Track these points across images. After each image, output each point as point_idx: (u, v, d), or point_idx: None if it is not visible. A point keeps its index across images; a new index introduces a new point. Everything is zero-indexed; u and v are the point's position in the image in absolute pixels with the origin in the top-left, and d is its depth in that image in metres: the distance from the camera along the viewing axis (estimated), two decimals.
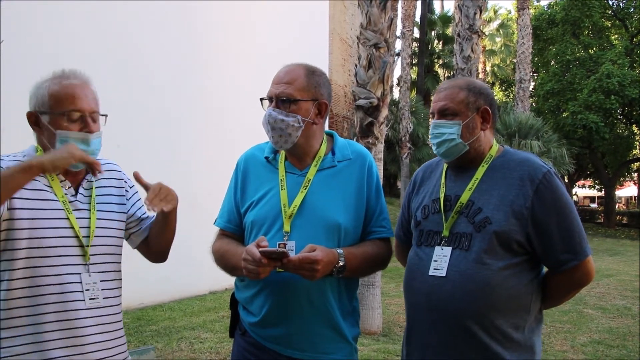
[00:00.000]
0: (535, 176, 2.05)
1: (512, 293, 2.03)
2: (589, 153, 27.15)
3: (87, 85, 2.01)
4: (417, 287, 2.17)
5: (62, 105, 1.93)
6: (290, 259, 1.94)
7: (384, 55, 6.74)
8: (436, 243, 2.16)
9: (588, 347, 6.33)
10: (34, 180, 1.89)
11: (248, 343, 2.23)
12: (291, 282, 2.08)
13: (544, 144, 17.57)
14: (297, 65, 2.23)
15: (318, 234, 2.12)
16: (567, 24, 26.62)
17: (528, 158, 2.14)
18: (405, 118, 19.97)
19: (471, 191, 2.14)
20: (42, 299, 1.88)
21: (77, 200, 2.02)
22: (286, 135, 2.16)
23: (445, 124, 2.17)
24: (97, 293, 1.98)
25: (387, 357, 5.78)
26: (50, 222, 1.92)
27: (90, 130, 1.96)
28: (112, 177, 2.17)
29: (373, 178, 2.28)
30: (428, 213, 2.24)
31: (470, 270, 2.03)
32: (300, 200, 2.17)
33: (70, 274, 1.93)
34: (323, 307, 2.13)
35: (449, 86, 2.23)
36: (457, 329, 2.04)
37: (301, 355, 2.13)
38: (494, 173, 2.14)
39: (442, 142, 2.17)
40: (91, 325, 1.95)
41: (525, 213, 2.02)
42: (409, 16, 20.87)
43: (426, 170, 2.43)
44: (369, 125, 6.67)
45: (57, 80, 1.97)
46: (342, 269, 2.07)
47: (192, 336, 6.43)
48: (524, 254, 2.06)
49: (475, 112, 2.17)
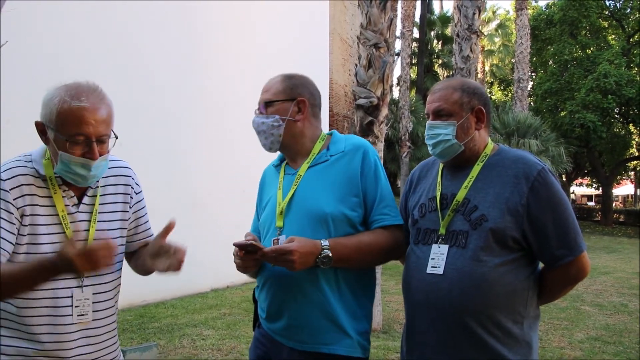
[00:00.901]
0: (530, 173, 2.06)
1: (509, 289, 2.05)
2: (586, 152, 27.19)
3: (99, 108, 1.88)
4: (415, 285, 2.19)
5: (68, 128, 1.84)
6: (263, 251, 2.06)
7: (383, 55, 6.79)
8: (433, 241, 2.18)
9: (585, 344, 6.40)
10: (37, 189, 1.90)
11: (262, 335, 2.33)
12: (286, 276, 2.14)
13: (542, 142, 17.63)
14: (277, 75, 2.39)
15: (306, 226, 2.16)
16: (564, 24, 26.66)
17: (523, 156, 2.16)
18: (405, 117, 20.00)
19: (467, 189, 2.15)
20: (34, 311, 1.88)
21: (78, 212, 1.97)
22: (270, 136, 2.30)
23: (440, 124, 2.19)
24: (87, 309, 1.95)
25: (387, 354, 5.83)
26: (47, 237, 1.89)
27: (92, 157, 1.86)
28: (119, 183, 2.13)
29: (370, 166, 2.25)
30: (425, 211, 2.26)
31: (467, 267, 2.05)
32: (290, 196, 2.24)
33: (63, 289, 1.91)
34: (317, 299, 2.15)
35: (443, 87, 2.25)
36: (455, 326, 2.05)
37: (302, 347, 2.16)
38: (489, 171, 2.16)
39: (438, 142, 2.19)
40: (77, 339, 1.94)
41: (521, 210, 2.04)
42: (408, 16, 20.90)
43: (422, 169, 2.45)
44: (369, 125, 6.71)
45: (68, 100, 1.84)
46: (327, 259, 2.07)
47: (194, 333, 6.49)
48: (520, 250, 2.08)
49: (469, 112, 2.19)
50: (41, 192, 1.90)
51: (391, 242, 2.23)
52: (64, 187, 1.95)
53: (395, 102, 22.54)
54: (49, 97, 1.88)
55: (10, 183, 1.86)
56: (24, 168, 1.91)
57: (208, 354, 5.72)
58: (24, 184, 1.88)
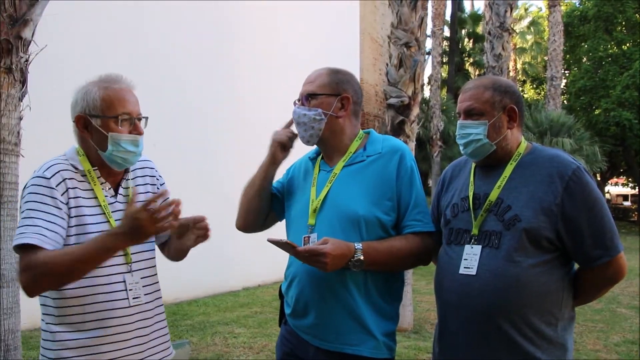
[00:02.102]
0: (564, 172, 2.03)
1: (543, 290, 2.02)
2: (622, 150, 26.62)
3: (132, 89, 2.09)
4: (448, 286, 2.18)
5: (114, 109, 2.00)
6: (297, 250, 2.05)
7: (414, 54, 6.77)
8: (466, 241, 2.16)
9: (621, 347, 6.28)
10: (78, 182, 2.00)
11: (288, 332, 2.33)
12: (316, 274, 2.13)
13: (576, 141, 17.34)
14: (322, 68, 2.37)
15: (337, 227, 2.17)
16: (599, 20, 26.14)
17: (557, 154, 2.13)
18: (436, 116, 19.87)
19: (500, 189, 2.13)
20: (90, 298, 1.95)
21: (116, 202, 2.08)
22: (310, 129, 2.28)
23: (471, 124, 2.17)
24: (139, 292, 2.04)
25: (417, 354, 5.82)
26: (93, 227, 1.98)
27: (139, 132, 2.04)
28: (145, 174, 2.23)
29: (406, 170, 2.24)
30: (457, 211, 2.24)
31: (500, 268, 2.03)
32: (324, 194, 2.24)
33: (116, 274, 2.00)
34: (344, 299, 2.15)
35: (474, 86, 2.22)
36: (488, 328, 2.04)
37: (327, 346, 2.17)
38: (522, 170, 2.13)
39: (469, 142, 2.17)
40: (134, 322, 2.02)
41: (555, 210, 2.01)
42: (439, 15, 20.76)
43: (455, 169, 2.43)
44: (400, 124, 6.70)
45: (107, 85, 2.02)
46: (358, 262, 2.08)
47: (226, 331, 6.56)
48: (554, 250, 2.05)
49: (501, 112, 2.16)
50: (82, 185, 2.01)
51: (422, 248, 2.24)
52: (101, 179, 2.06)
53: (426, 102, 22.41)
54: (84, 91, 2.03)
55: (54, 180, 1.95)
56: (63, 164, 2.01)
57: (240, 352, 5.77)
58: (66, 178, 1.97)
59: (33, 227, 1.84)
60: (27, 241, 1.81)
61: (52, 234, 1.86)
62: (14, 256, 3.57)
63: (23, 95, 3.67)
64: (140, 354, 2.04)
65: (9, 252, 3.54)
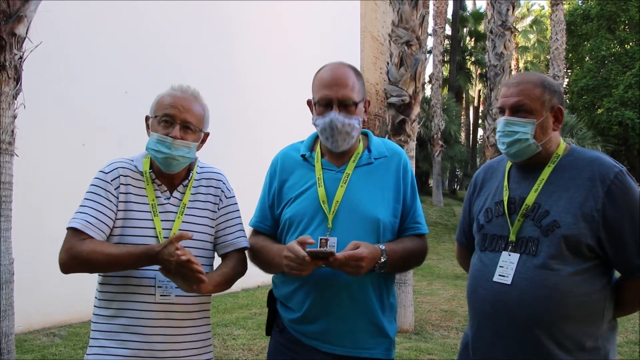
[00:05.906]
0: (606, 176, 1.93)
1: (583, 300, 1.92)
2: (624, 150, 26.58)
3: (188, 99, 2.16)
4: (482, 294, 2.08)
5: (159, 110, 2.15)
6: (336, 257, 1.95)
7: (415, 52, 6.73)
8: (501, 248, 2.07)
9: (624, 348, 6.21)
10: (133, 180, 2.15)
11: (286, 339, 2.24)
12: (332, 278, 2.09)
13: (578, 141, 17.33)
14: (345, 66, 2.25)
15: (359, 230, 2.13)
16: (602, 19, 26.09)
17: (598, 157, 2.01)
18: (437, 115, 19.86)
19: (537, 193, 2.03)
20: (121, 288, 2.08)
21: (169, 203, 2.17)
22: (347, 137, 2.19)
23: (518, 121, 2.04)
24: (170, 291, 2.09)
25: (418, 355, 5.77)
26: (137, 222, 2.11)
27: (174, 135, 2.09)
28: (210, 185, 2.27)
29: (408, 175, 2.28)
30: (491, 216, 2.14)
31: (538, 276, 1.94)
32: (341, 195, 2.18)
33: (148, 270, 2.06)
34: (364, 303, 2.13)
35: (522, 81, 2.08)
36: (524, 339, 1.95)
37: (341, 351, 2.13)
38: (561, 173, 2.02)
39: (514, 141, 2.04)
40: (159, 318, 2.07)
41: (596, 215, 1.90)
42: (440, 13, 20.75)
43: (487, 171, 2.32)
44: (400, 123, 6.66)
45: (169, 92, 2.17)
46: (384, 264, 2.08)
47: (225, 333, 6.51)
48: (595, 258, 1.94)
49: (549, 111, 2.05)
50: (137, 183, 2.16)
51: (424, 250, 2.29)
52: (158, 181, 2.18)
53: (427, 101, 22.36)
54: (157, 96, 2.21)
55: (111, 175, 2.14)
56: (124, 163, 2.19)
57: (239, 354, 5.71)
58: (122, 175, 2.15)
59: (82, 214, 2.06)
60: (72, 225, 2.03)
61: (97, 222, 2.05)
62: (9, 258, 3.54)
63: (17, 93, 3.63)
64: (164, 352, 2.08)
65: (3, 254, 3.49)
